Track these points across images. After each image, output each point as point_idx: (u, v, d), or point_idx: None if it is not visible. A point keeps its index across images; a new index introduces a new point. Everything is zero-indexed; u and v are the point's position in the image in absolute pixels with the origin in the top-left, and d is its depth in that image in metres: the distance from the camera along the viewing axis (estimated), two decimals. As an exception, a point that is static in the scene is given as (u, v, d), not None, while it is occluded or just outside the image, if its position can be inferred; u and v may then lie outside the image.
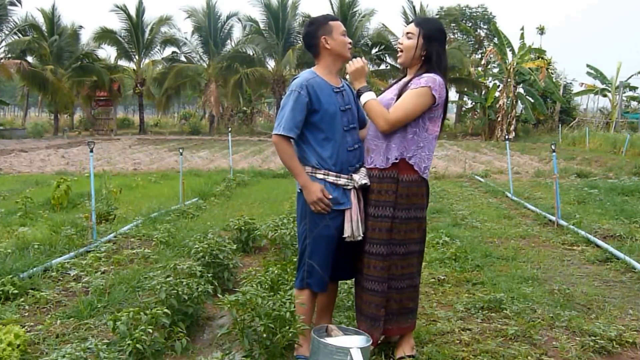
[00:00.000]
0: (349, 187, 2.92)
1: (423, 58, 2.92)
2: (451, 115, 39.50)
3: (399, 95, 2.90)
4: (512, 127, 27.73)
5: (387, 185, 2.92)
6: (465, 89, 33.45)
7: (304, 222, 2.96)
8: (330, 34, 2.93)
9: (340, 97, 2.97)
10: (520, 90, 28.69)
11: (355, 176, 2.93)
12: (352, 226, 2.89)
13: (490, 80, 32.66)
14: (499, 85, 28.91)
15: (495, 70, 33.17)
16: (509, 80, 27.47)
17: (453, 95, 35.36)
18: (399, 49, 3.00)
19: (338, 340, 2.72)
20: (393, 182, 2.91)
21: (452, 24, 38.17)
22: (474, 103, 33.34)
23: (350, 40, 3.00)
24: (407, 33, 2.93)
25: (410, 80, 2.92)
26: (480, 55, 37.83)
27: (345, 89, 3.04)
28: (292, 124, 2.84)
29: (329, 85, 2.94)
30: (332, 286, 3.19)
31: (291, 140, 2.89)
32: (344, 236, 2.91)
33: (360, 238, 2.94)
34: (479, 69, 35.06)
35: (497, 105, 28.21)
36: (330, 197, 2.86)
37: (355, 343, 2.68)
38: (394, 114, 2.84)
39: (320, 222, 2.91)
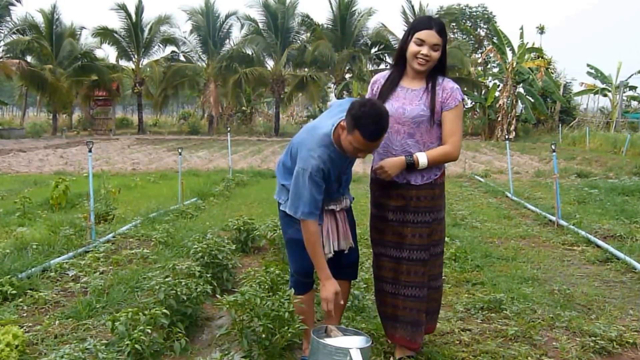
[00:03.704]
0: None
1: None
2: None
3: (431, 109, 2.82)
4: (512, 127, 27.71)
5: (425, 191, 2.90)
6: (465, 89, 33.40)
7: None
8: (348, 135, 2.60)
9: (345, 159, 2.82)
10: (521, 90, 28.69)
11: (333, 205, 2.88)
12: (324, 242, 2.84)
13: (490, 80, 32.66)
14: (499, 85, 28.91)
15: (495, 70, 33.20)
16: (508, 80, 27.47)
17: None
18: (424, 60, 2.78)
19: (337, 340, 2.71)
20: (430, 188, 2.91)
21: (452, 24, 38.17)
22: (473, 103, 33.35)
23: (364, 154, 2.70)
24: (434, 45, 2.77)
25: (431, 88, 2.84)
26: (480, 55, 37.84)
27: None
28: (313, 206, 2.69)
29: (341, 155, 2.76)
30: (341, 285, 3.05)
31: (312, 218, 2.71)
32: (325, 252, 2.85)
33: (330, 255, 2.87)
34: (479, 68, 35.06)
35: (497, 105, 28.21)
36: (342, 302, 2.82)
37: (354, 343, 2.66)
38: (456, 142, 2.86)
39: (291, 226, 2.89)
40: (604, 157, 16.94)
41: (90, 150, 6.06)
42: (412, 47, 2.79)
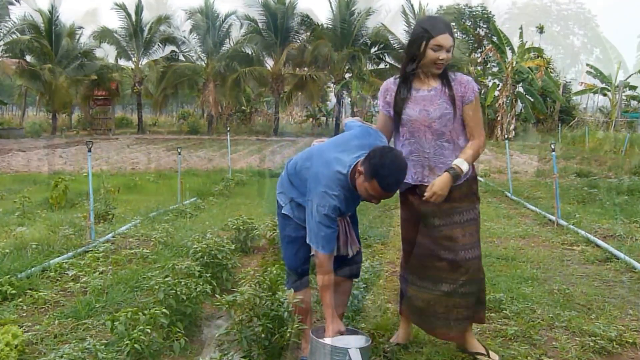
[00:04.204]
0: None
1: None
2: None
3: (453, 104, 2.83)
4: (512, 127, 27.71)
5: (466, 188, 2.93)
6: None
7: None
8: (365, 182, 2.59)
9: (359, 198, 2.82)
10: (520, 89, 28.68)
11: None
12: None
13: (490, 80, 32.62)
14: (499, 85, 28.90)
15: (495, 70, 33.16)
16: (508, 79, 27.46)
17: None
18: (441, 64, 2.79)
19: (337, 340, 2.71)
20: (470, 185, 2.94)
21: (452, 23, 38.15)
22: (473, 102, 33.34)
23: (378, 201, 2.69)
24: (450, 47, 2.78)
25: (447, 84, 2.85)
26: (479, 54, 37.80)
27: None
28: (332, 240, 2.74)
29: (356, 196, 2.77)
30: (343, 283, 3.05)
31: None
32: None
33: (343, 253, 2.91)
34: (479, 68, 35.00)
35: (497, 105, 28.20)
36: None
37: (354, 343, 2.67)
38: (482, 132, 2.90)
39: (289, 225, 2.95)
40: (603, 157, 16.95)
41: (89, 150, 6.05)
42: (431, 54, 2.77)
